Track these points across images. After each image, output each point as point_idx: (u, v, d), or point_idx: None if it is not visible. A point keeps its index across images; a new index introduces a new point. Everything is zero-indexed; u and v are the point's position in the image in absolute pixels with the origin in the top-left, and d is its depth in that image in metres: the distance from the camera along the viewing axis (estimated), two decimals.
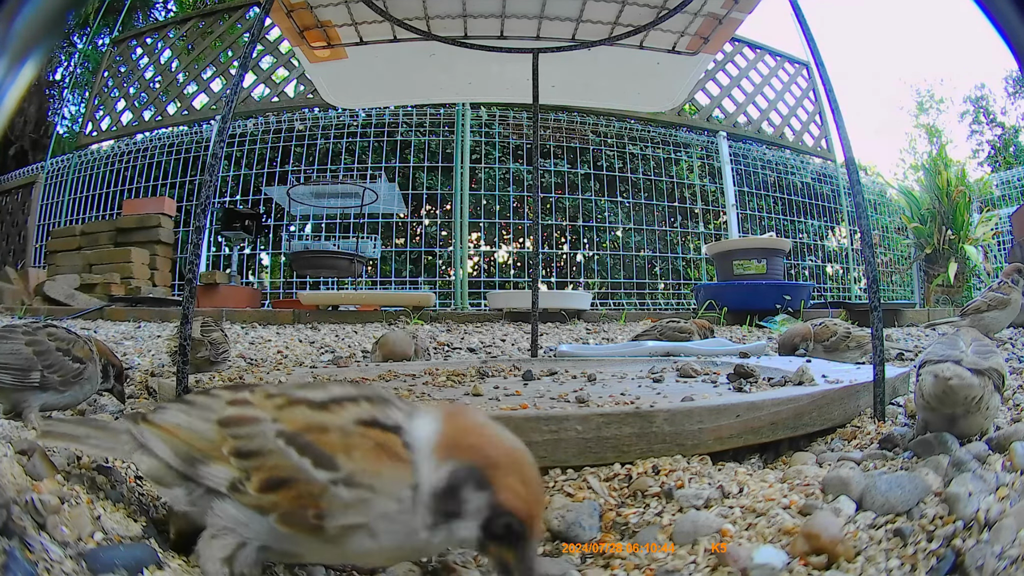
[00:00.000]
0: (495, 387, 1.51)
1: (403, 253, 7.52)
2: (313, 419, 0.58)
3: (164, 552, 0.72)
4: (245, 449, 0.59)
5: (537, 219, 5.20)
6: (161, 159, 7.17)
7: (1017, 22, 0.59)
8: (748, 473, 0.94)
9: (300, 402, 0.60)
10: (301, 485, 0.55)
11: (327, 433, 0.56)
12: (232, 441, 0.60)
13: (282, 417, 0.59)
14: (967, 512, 0.67)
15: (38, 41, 0.53)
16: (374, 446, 0.55)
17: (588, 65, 2.41)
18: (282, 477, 0.56)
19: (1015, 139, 16.28)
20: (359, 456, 0.55)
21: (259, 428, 0.59)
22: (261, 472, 0.57)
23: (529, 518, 0.54)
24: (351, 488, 0.54)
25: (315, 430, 0.57)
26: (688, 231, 7.34)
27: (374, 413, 0.58)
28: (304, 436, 0.57)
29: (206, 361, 1.98)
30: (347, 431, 0.56)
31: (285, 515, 0.56)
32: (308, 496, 0.55)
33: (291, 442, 0.57)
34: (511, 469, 0.55)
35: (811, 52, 1.45)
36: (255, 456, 0.58)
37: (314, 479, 0.55)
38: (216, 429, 0.61)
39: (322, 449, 0.56)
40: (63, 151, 8.25)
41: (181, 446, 0.62)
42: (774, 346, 2.60)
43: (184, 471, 0.62)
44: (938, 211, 7.41)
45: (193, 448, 0.62)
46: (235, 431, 0.60)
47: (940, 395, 0.91)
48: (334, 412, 0.58)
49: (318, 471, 0.55)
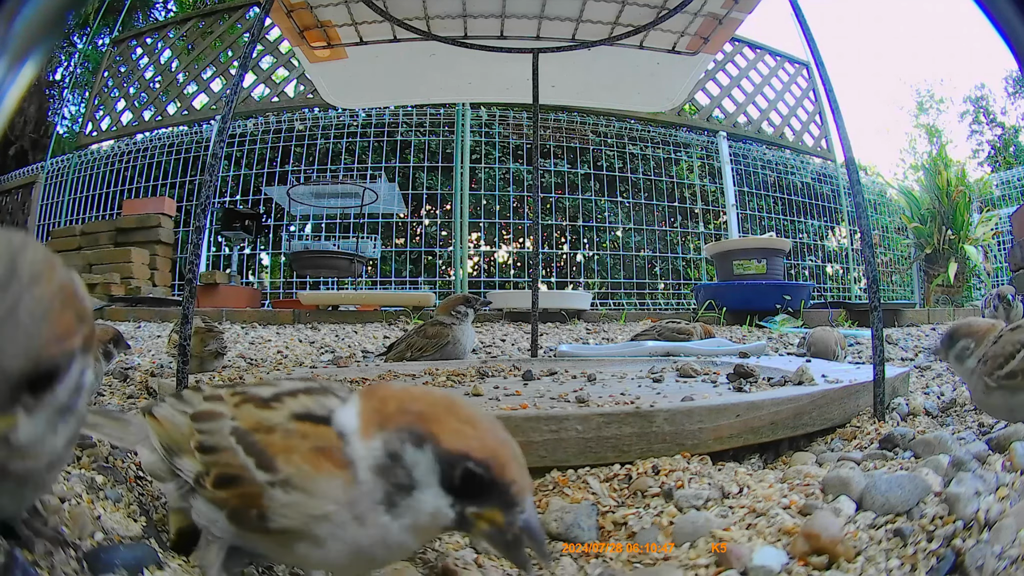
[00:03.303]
0: (495, 387, 1.51)
1: (403, 253, 7.52)
2: (260, 417, 0.57)
3: (164, 552, 0.72)
4: (206, 444, 0.59)
5: (537, 219, 5.20)
6: (161, 159, 7.17)
7: (1017, 22, 0.59)
8: (748, 473, 0.94)
9: (251, 399, 0.60)
10: (246, 485, 0.54)
11: (271, 432, 0.55)
12: (198, 435, 0.60)
13: (238, 414, 0.59)
14: (967, 512, 0.67)
15: (38, 41, 0.53)
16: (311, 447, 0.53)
17: (588, 65, 2.41)
18: (230, 475, 0.55)
19: (1015, 139, 16.28)
20: (296, 458, 0.53)
21: (219, 424, 0.59)
22: (216, 468, 0.57)
23: (488, 454, 0.48)
24: (287, 491, 0.52)
25: (262, 429, 0.56)
26: (688, 231, 7.34)
27: (309, 406, 0.56)
28: (251, 435, 0.56)
29: (214, 354, 1.99)
30: (288, 430, 0.55)
31: (233, 513, 0.55)
32: (250, 496, 0.53)
33: (240, 440, 0.56)
34: (447, 413, 0.50)
35: (811, 52, 1.45)
36: (212, 451, 0.58)
37: (255, 479, 0.53)
38: (188, 423, 0.62)
39: (264, 449, 0.54)
40: (63, 151, 8.24)
41: (166, 438, 0.64)
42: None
43: (168, 463, 0.63)
44: (938, 211, 7.41)
45: (172, 441, 0.63)
46: (200, 425, 0.61)
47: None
48: (276, 409, 0.57)
49: (259, 472, 0.53)
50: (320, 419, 0.55)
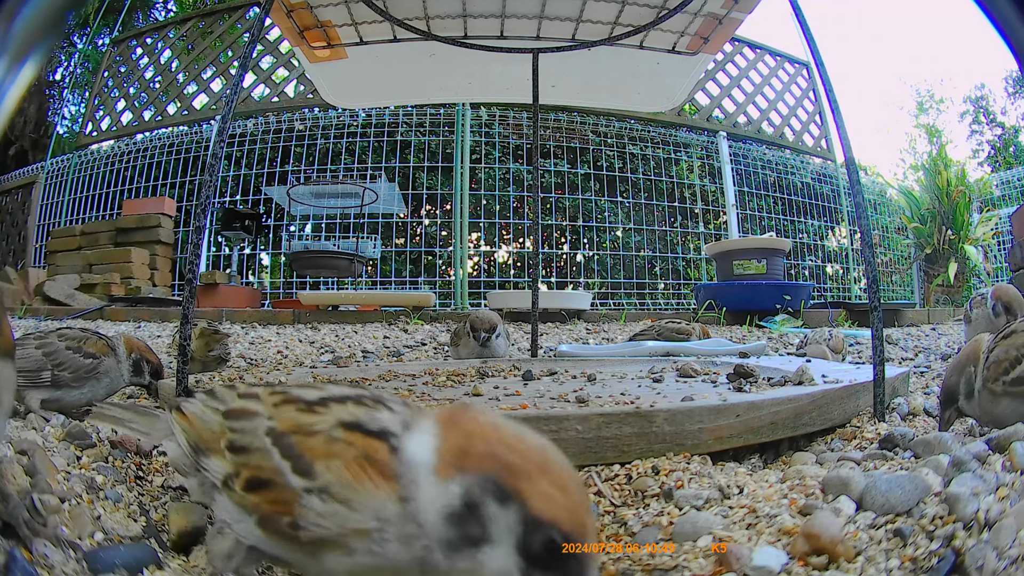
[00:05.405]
0: (495, 387, 1.51)
1: (403, 253, 7.51)
2: (301, 420, 0.55)
3: (164, 552, 0.72)
4: (238, 444, 0.57)
5: (537, 219, 5.20)
6: (161, 159, 7.17)
7: (1017, 22, 0.59)
8: (748, 473, 0.94)
9: (293, 401, 0.58)
10: (279, 489, 0.52)
11: (312, 437, 0.53)
12: (229, 434, 0.58)
13: (276, 415, 0.57)
14: (967, 512, 0.67)
15: (38, 41, 0.53)
16: (356, 455, 0.50)
17: (588, 65, 2.41)
18: (263, 478, 0.54)
19: (1015, 139, 16.28)
20: (338, 466, 0.50)
21: (253, 423, 0.57)
22: (247, 470, 0.55)
23: (576, 527, 0.45)
24: (325, 500, 0.49)
25: (301, 432, 0.54)
26: (688, 231, 7.34)
27: (359, 415, 0.53)
28: (289, 437, 0.54)
29: (218, 359, 1.99)
30: (332, 436, 0.52)
31: (263, 519, 0.53)
32: (284, 503, 0.51)
33: (276, 442, 0.54)
34: (540, 472, 0.46)
35: (811, 52, 1.45)
36: (245, 452, 0.56)
37: (291, 485, 0.51)
38: (220, 421, 0.60)
39: (302, 453, 0.52)
40: (63, 151, 8.25)
41: (193, 435, 0.62)
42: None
43: (194, 460, 0.61)
44: (938, 211, 7.41)
45: (200, 439, 0.61)
46: (233, 424, 0.59)
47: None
48: (320, 414, 0.55)
49: (295, 477, 0.51)
50: (373, 433, 0.52)
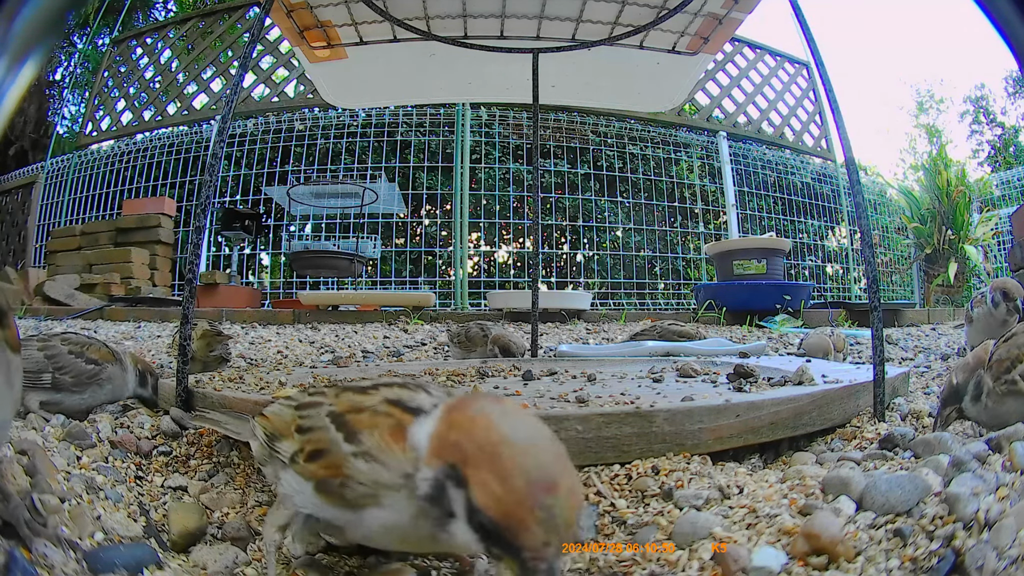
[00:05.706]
0: (495, 387, 1.51)
1: (403, 253, 7.51)
2: (355, 400, 0.66)
3: (164, 552, 0.72)
4: (304, 426, 0.69)
5: (537, 219, 5.19)
6: (161, 159, 7.16)
7: (1017, 22, 0.59)
8: (748, 473, 0.94)
9: (350, 388, 0.69)
10: (332, 456, 0.63)
11: (360, 412, 0.63)
12: (299, 420, 0.70)
13: (336, 401, 0.68)
14: (967, 512, 0.67)
15: (38, 41, 0.53)
16: (392, 424, 0.60)
17: (588, 65, 2.41)
18: (321, 449, 0.64)
19: (1015, 139, 16.28)
20: (378, 433, 0.60)
21: (318, 410, 0.68)
22: (310, 444, 0.66)
23: (504, 517, 0.48)
24: (367, 461, 0.59)
25: (354, 410, 0.64)
26: (688, 231, 7.34)
27: (401, 395, 0.63)
28: (344, 415, 0.65)
29: (219, 359, 1.99)
30: (377, 410, 0.62)
31: (320, 483, 0.64)
32: (335, 466, 0.62)
33: (334, 420, 0.65)
34: (491, 461, 0.50)
35: (811, 52, 1.45)
36: (308, 431, 0.67)
37: (341, 451, 0.62)
38: (292, 412, 0.72)
39: (352, 425, 0.63)
40: (63, 151, 8.24)
41: (271, 428, 0.74)
42: None
43: (269, 448, 0.73)
44: (938, 211, 7.41)
45: (276, 429, 0.73)
46: (302, 412, 0.71)
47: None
48: (371, 395, 0.65)
49: (345, 444, 0.62)
50: (409, 408, 0.61)
